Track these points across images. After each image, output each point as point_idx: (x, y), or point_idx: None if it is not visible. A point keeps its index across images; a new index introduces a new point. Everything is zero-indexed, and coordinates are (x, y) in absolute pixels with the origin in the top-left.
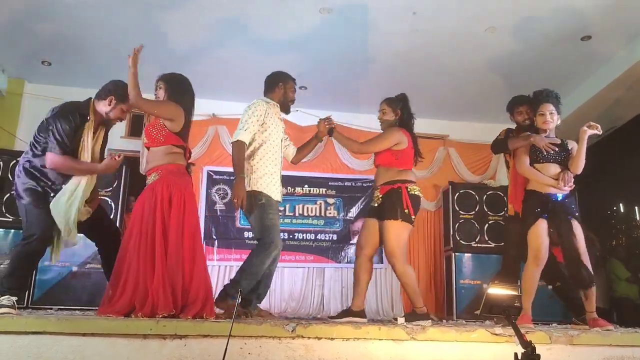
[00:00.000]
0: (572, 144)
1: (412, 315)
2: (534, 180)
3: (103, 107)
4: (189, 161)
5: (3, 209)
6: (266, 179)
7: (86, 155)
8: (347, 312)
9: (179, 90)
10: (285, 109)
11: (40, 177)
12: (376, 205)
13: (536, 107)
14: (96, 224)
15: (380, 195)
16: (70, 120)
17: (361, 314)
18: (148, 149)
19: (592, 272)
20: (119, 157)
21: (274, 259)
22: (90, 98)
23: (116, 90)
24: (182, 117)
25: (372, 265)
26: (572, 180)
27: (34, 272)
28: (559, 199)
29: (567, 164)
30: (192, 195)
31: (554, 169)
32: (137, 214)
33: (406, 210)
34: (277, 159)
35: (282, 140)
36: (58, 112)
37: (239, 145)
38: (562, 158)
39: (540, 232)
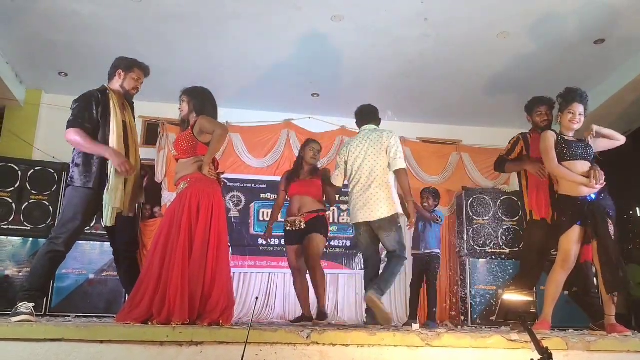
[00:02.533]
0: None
1: (320, 316)
2: (564, 178)
3: (116, 83)
4: (218, 170)
5: (22, 217)
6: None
7: (113, 129)
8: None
9: (202, 102)
10: None
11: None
12: (296, 229)
13: (566, 104)
14: (120, 230)
15: (305, 222)
16: (88, 98)
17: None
18: (177, 160)
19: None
20: (130, 167)
21: None
22: (103, 84)
23: (120, 63)
24: None
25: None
26: (603, 177)
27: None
28: (593, 199)
29: (592, 161)
30: (221, 202)
31: (582, 166)
32: (166, 222)
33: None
34: None
35: None
36: (78, 97)
37: (404, 172)
38: (588, 154)
39: (573, 238)
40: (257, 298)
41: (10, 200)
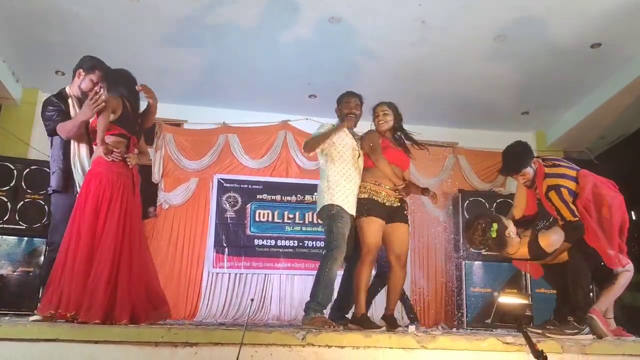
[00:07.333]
0: None
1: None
2: None
3: (75, 84)
4: (134, 152)
5: (17, 216)
6: None
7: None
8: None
9: (115, 82)
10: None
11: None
12: None
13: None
14: None
15: None
16: (50, 102)
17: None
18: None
19: None
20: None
21: None
22: (64, 88)
23: (84, 63)
24: (120, 106)
25: None
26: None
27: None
28: None
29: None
30: (124, 187)
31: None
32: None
33: None
34: None
35: None
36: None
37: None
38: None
39: None
40: (252, 300)
41: (6, 199)
